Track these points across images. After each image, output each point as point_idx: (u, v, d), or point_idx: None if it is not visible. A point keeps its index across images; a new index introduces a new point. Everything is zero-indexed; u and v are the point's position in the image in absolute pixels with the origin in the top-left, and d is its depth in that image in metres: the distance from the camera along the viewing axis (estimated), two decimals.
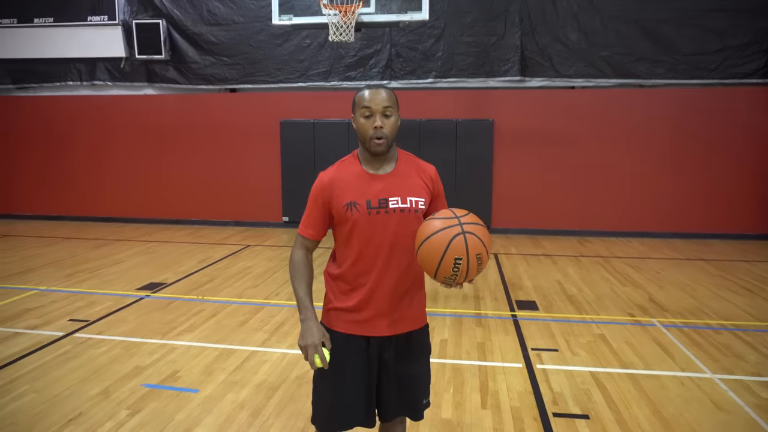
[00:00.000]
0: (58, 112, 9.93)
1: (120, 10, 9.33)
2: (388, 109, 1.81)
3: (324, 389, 1.94)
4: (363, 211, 1.83)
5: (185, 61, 9.37)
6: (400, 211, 1.85)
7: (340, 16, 5.64)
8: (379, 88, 1.83)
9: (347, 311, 1.91)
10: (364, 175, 1.88)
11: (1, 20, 9.76)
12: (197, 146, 9.55)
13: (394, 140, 1.89)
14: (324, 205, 1.89)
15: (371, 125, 1.80)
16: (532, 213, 8.67)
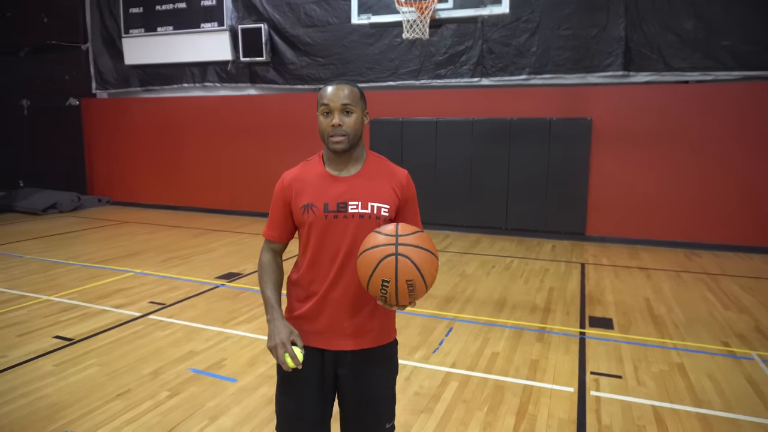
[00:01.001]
0: (174, 111, 10.90)
1: (228, 17, 9.99)
2: (348, 106, 1.69)
3: (284, 400, 1.83)
4: (319, 214, 1.73)
5: (284, 62, 9.80)
6: (360, 216, 1.72)
7: (417, 13, 5.52)
8: (343, 84, 1.71)
9: (301, 320, 1.80)
10: (326, 176, 1.78)
11: (131, 30, 10.92)
12: (293, 143, 9.96)
13: (358, 140, 1.76)
14: (284, 206, 1.81)
15: (329, 123, 1.70)
16: (632, 221, 7.89)
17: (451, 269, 6.35)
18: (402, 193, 1.81)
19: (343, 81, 1.74)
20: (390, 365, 1.87)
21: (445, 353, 3.90)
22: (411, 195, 1.84)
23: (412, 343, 4.09)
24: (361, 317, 1.77)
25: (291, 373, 1.76)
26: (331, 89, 1.71)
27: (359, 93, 1.74)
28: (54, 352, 3.88)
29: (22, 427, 2.90)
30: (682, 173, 7.58)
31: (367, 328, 1.78)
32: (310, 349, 1.77)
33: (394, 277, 1.50)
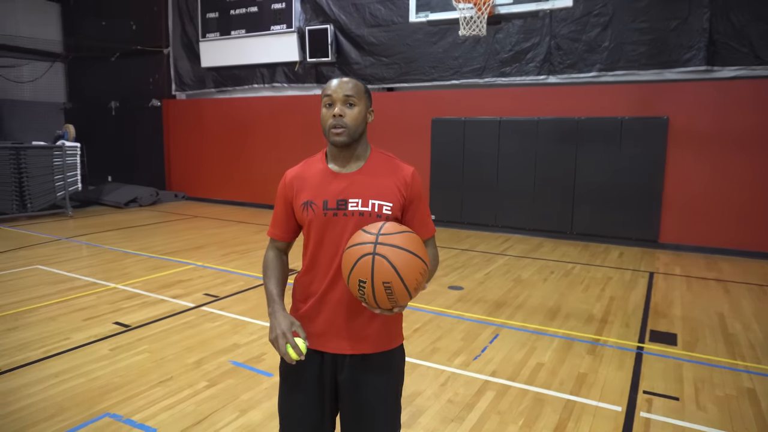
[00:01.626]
0: (244, 111, 11.32)
1: (296, 19, 10.24)
2: (351, 98, 1.65)
3: (285, 402, 1.79)
4: (318, 212, 1.67)
5: (348, 62, 9.90)
6: (359, 214, 1.64)
7: (475, 9, 5.36)
8: (344, 77, 1.68)
9: (302, 320, 1.74)
10: (327, 173, 1.72)
11: (208, 35, 11.47)
12: None
13: (360, 134, 1.69)
14: (287, 203, 1.77)
15: (330, 114, 1.65)
16: (713, 228, 7.25)
17: (505, 273, 6.12)
18: (407, 192, 1.70)
19: (348, 76, 1.70)
20: (392, 373, 1.76)
21: (487, 360, 3.74)
22: (417, 194, 1.73)
23: (454, 348, 3.96)
24: (360, 320, 1.69)
25: (291, 374, 1.73)
26: (335, 81, 1.67)
27: (364, 88, 1.69)
28: (111, 337, 4.11)
29: (72, 405, 3.09)
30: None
31: (366, 332, 1.70)
32: (310, 350, 1.71)
33: (370, 278, 1.43)
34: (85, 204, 11.04)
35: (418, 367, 3.63)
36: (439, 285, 5.62)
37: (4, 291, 5.28)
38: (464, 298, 5.18)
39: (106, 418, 2.95)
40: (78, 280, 5.66)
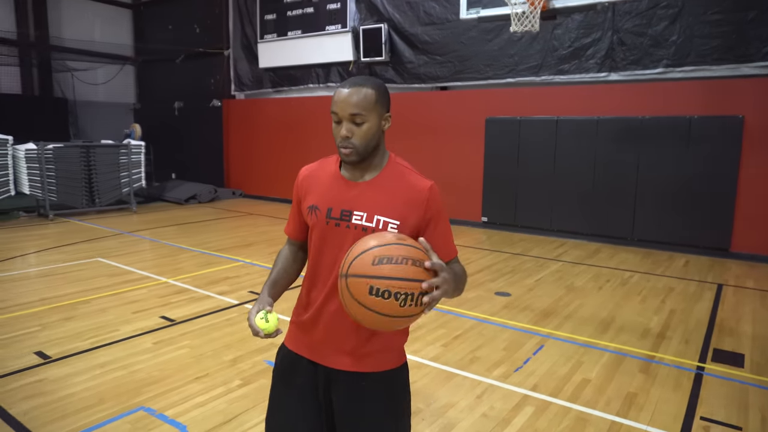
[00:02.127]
0: (300, 110, 11.48)
1: (351, 18, 10.26)
2: (358, 116, 1.50)
3: (272, 406, 1.71)
4: (321, 218, 1.59)
5: (402, 61, 9.82)
6: (362, 229, 1.53)
7: (527, 4, 5.13)
8: (356, 87, 1.50)
9: (299, 328, 1.68)
10: (338, 178, 1.62)
11: (266, 36, 11.71)
12: (408, 142, 9.93)
13: (372, 149, 1.55)
14: (298, 202, 1.71)
15: (338, 133, 1.53)
16: None
17: (557, 280, 5.84)
18: (422, 211, 1.55)
19: (360, 81, 1.51)
20: (391, 397, 1.62)
21: (528, 373, 3.55)
22: (435, 213, 1.56)
23: (495, 358, 3.79)
24: (360, 336, 1.57)
25: (282, 381, 1.68)
26: (340, 94, 1.52)
27: (375, 96, 1.51)
28: (156, 331, 4.23)
29: (111, 396, 3.17)
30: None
31: (365, 350, 1.58)
32: (304, 359, 1.64)
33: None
34: (148, 200, 11.56)
35: (455, 376, 3.49)
36: (486, 290, 5.43)
37: (65, 282, 5.57)
38: (511, 305, 4.97)
39: (140, 412, 3.01)
40: (133, 274, 5.89)
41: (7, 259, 6.52)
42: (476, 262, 6.64)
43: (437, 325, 4.44)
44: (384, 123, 1.57)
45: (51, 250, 7.02)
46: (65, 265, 6.23)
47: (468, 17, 5.82)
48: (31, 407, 3.04)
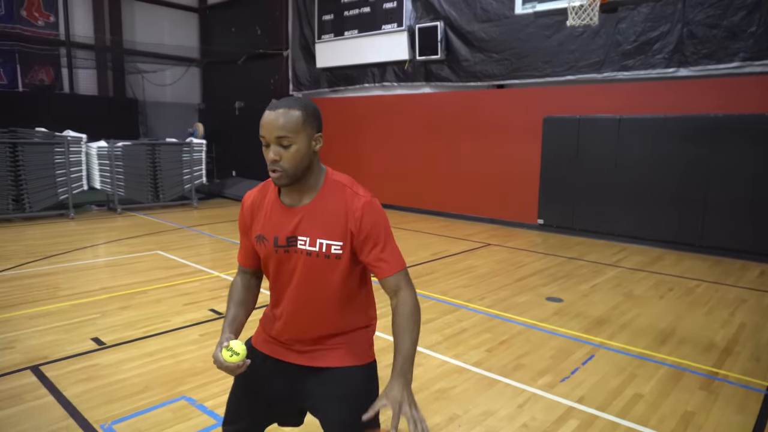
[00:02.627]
0: (355, 110, 11.56)
1: (407, 17, 10.21)
2: (284, 138, 1.49)
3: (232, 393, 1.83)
4: (269, 248, 1.63)
5: (458, 59, 9.66)
6: (307, 254, 1.58)
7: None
8: (282, 109, 1.49)
9: (265, 331, 1.78)
10: (278, 206, 1.63)
11: (323, 36, 11.87)
12: (464, 142, 9.78)
13: (303, 171, 1.55)
14: (245, 231, 1.74)
15: (267, 156, 1.52)
16: None
17: (615, 287, 5.54)
18: (356, 228, 1.56)
19: (287, 103, 1.51)
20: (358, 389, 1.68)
21: (576, 384, 3.36)
22: (369, 229, 1.56)
23: (540, 366, 3.63)
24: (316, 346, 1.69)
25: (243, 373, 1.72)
26: (266, 117, 1.51)
27: (302, 116, 1.50)
28: (204, 323, 4.35)
29: (157, 384, 3.28)
30: None
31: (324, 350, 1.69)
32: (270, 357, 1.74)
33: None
34: (209, 196, 12.00)
35: (496, 383, 3.37)
36: (537, 295, 5.23)
37: (126, 272, 5.85)
38: (562, 312, 4.76)
39: (182, 401, 3.09)
40: (188, 267, 6.11)
41: (78, 249, 6.93)
42: (529, 266, 6.42)
43: (482, 329, 4.31)
44: (315, 143, 1.56)
45: (116, 242, 7.41)
46: (128, 257, 6.55)
47: (524, 12, 5.63)
48: (83, 390, 3.19)
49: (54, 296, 4.96)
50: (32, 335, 4.02)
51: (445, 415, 2.98)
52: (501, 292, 5.32)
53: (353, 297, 1.67)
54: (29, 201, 8.64)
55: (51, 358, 3.63)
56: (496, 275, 5.99)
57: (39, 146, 8.68)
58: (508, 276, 5.94)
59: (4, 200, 8.42)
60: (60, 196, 8.96)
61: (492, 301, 5.05)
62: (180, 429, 2.80)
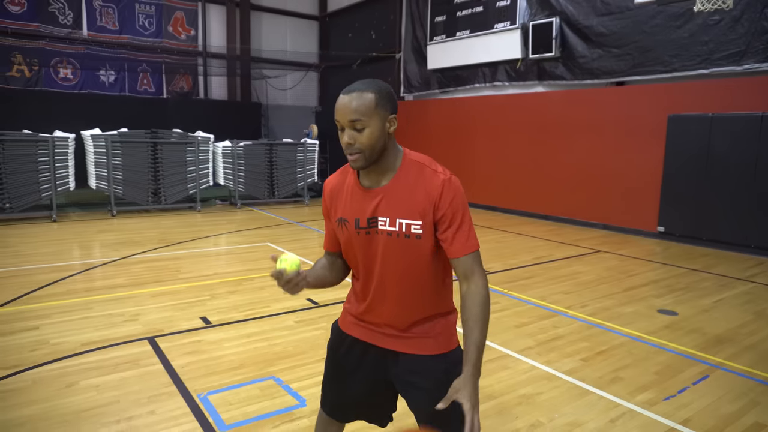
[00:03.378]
0: (465, 110, 11.44)
1: (520, 15, 9.89)
2: (358, 122, 1.48)
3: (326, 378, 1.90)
4: (351, 230, 1.63)
5: (573, 56, 9.18)
6: (387, 234, 1.57)
7: None
8: (353, 93, 1.49)
9: (350, 312, 1.79)
10: (357, 189, 1.63)
11: (435, 38, 11.90)
12: (577, 143, 9.26)
13: (379, 152, 1.54)
14: (327, 216, 1.75)
15: (342, 140, 1.52)
16: None
17: (743, 304, 4.90)
18: (435, 205, 1.53)
19: (360, 86, 1.50)
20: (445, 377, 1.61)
21: (681, 405, 3.02)
22: (448, 206, 1.53)
23: (641, 381, 3.31)
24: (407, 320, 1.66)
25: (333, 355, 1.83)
26: (340, 101, 1.51)
27: (375, 99, 1.49)
28: (300, 311, 4.55)
29: (250, 363, 3.50)
30: None
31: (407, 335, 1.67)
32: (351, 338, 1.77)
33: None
34: (320, 195, 12.54)
35: (589, 394, 3.13)
36: (647, 306, 4.79)
37: (237, 261, 6.31)
38: (674, 326, 4.31)
39: (270, 380, 3.26)
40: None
41: (201, 238, 7.61)
42: (641, 275, 5.90)
43: (580, 337, 4.04)
44: (389, 125, 1.54)
45: (234, 233, 8.02)
46: (241, 247, 7.07)
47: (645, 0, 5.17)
48: (187, 362, 3.49)
49: (175, 278, 5.49)
50: (153, 311, 4.48)
51: (527, 421, 2.83)
52: (606, 301, 4.94)
53: (435, 280, 1.64)
54: (165, 194, 9.65)
55: (165, 331, 4.02)
56: (602, 283, 5.58)
57: (174, 145, 9.67)
58: (616, 284, 5.51)
59: (145, 193, 9.50)
60: (190, 190, 9.91)
61: (594, 309, 4.71)
62: (265, 406, 2.96)
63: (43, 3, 12.36)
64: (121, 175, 9.16)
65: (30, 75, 12.47)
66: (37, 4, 12.30)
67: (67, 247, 6.85)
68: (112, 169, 9.03)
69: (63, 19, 12.67)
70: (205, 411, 2.88)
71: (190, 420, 2.79)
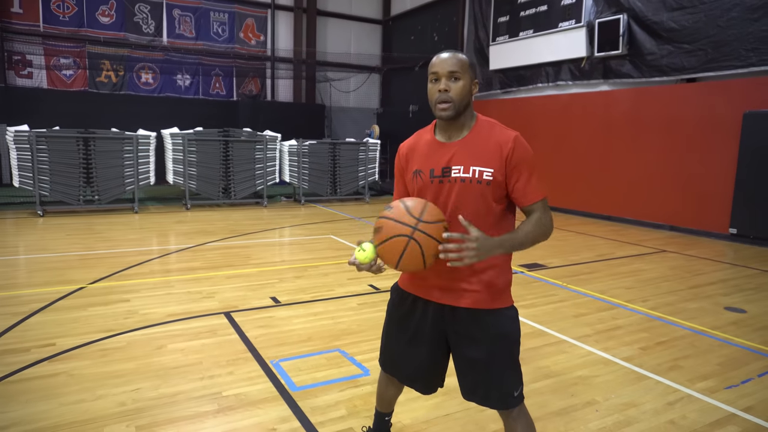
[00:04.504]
0: (526, 110, 11.38)
1: (586, 13, 9.77)
2: (456, 73, 1.71)
3: (385, 333, 2.04)
4: (426, 180, 1.79)
5: (641, 53, 8.97)
6: (461, 180, 1.73)
7: None
8: (453, 53, 1.73)
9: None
10: (434, 143, 1.81)
11: (498, 38, 11.91)
12: (643, 142, 9.04)
13: (465, 107, 1.75)
14: (401, 175, 1.92)
15: (436, 89, 1.72)
16: None
17: None
18: (508, 156, 1.71)
19: (455, 50, 1.74)
20: (498, 331, 1.78)
21: (744, 394, 2.99)
22: (519, 159, 1.71)
23: (703, 370, 3.29)
24: (463, 277, 1.77)
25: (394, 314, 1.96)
26: (440, 57, 1.74)
27: (468, 62, 1.73)
28: (362, 295, 4.78)
29: (318, 337, 3.74)
30: None
31: (468, 289, 1.78)
32: (414, 296, 1.90)
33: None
34: (380, 193, 12.83)
35: (646, 379, 3.16)
36: (713, 303, 4.68)
37: (303, 250, 6.64)
38: (742, 323, 4.20)
39: (336, 352, 3.50)
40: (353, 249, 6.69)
41: (268, 230, 8.03)
42: (708, 275, 5.73)
43: (639, 328, 4.03)
44: (474, 87, 1.76)
45: (298, 226, 8.40)
46: (306, 238, 7.41)
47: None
48: (260, 334, 3.78)
49: (246, 263, 5.87)
50: (227, 290, 4.84)
51: (583, 398, 2.91)
52: (669, 297, 4.87)
53: (499, 233, 1.72)
54: (234, 190, 10.21)
55: (239, 307, 4.35)
56: (666, 280, 5.47)
57: (244, 143, 10.22)
58: (680, 282, 5.39)
59: (216, 188, 10.09)
60: (257, 186, 10.43)
61: (656, 303, 4.66)
62: (331, 373, 3.19)
63: (129, 13, 13.38)
64: (195, 171, 9.78)
65: (116, 80, 13.52)
66: (124, 15, 13.33)
67: (148, 234, 7.43)
68: (188, 165, 9.67)
69: (146, 28, 13.65)
70: (278, 374, 3.14)
71: (265, 381, 3.05)
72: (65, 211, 8.98)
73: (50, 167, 8.53)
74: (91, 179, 8.89)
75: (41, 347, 3.45)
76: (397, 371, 2.02)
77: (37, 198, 8.54)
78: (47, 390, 2.87)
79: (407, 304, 1.92)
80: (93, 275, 5.18)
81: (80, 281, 4.96)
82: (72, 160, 8.68)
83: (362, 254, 1.74)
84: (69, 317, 4.02)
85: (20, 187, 8.50)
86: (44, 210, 8.71)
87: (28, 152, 8.33)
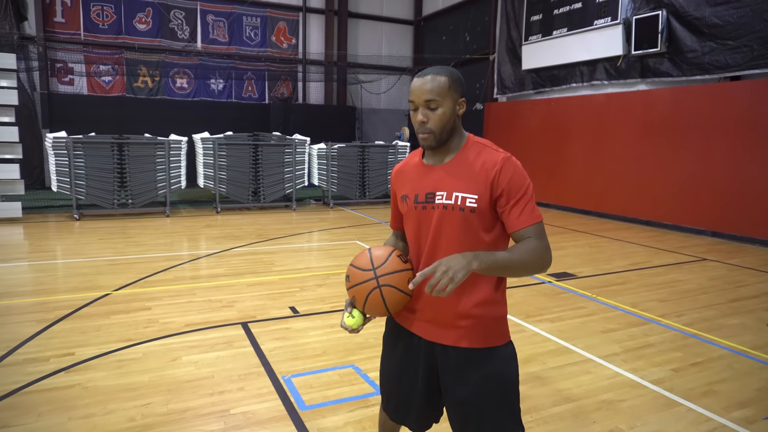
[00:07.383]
0: (560, 111, 11.05)
1: (623, 9, 9.40)
2: (432, 102, 1.58)
3: (382, 366, 1.93)
4: (410, 205, 1.71)
5: (681, 50, 8.56)
6: (443, 207, 1.62)
7: None
8: (429, 75, 1.59)
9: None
10: (421, 167, 1.73)
11: (531, 38, 11.62)
12: (682, 143, 8.63)
13: (448, 133, 1.63)
14: (395, 197, 1.85)
15: (415, 119, 1.62)
16: None
17: None
18: (494, 179, 1.56)
19: (434, 70, 1.60)
20: (493, 371, 1.64)
21: None
22: (506, 181, 1.55)
23: (741, 397, 3.06)
24: (454, 311, 1.64)
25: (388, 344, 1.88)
26: (415, 83, 1.61)
27: (448, 82, 1.58)
28: None
29: (333, 351, 3.68)
30: None
31: (458, 325, 1.64)
32: (405, 330, 1.79)
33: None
34: None
35: (677, 405, 2.96)
36: (755, 319, 4.39)
37: (327, 256, 6.60)
38: None
39: (350, 369, 3.42)
40: None
41: (296, 234, 8.04)
42: (751, 286, 5.39)
43: (673, 347, 3.80)
44: (459, 108, 1.62)
45: (325, 231, 8.38)
46: (331, 244, 7.38)
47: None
48: (275, 347, 3.74)
49: (269, 270, 5.87)
50: (248, 299, 4.84)
51: (606, 426, 2.74)
52: (706, 311, 4.59)
53: None
54: (263, 194, 10.29)
55: (257, 318, 4.33)
56: (704, 293, 5.18)
57: (273, 147, 10.28)
58: (720, 295, 5.09)
59: (246, 192, 10.19)
60: (286, 190, 10.48)
61: (692, 319, 4.40)
62: (343, 391, 3.11)
63: (165, 20, 13.68)
64: (225, 175, 9.90)
65: (153, 85, 13.85)
66: (160, 22, 13.63)
67: (177, 239, 7.54)
68: (218, 169, 9.79)
69: (181, 34, 13.93)
70: (288, 392, 3.08)
71: (274, 398, 3.00)
72: (100, 214, 9.23)
73: (86, 172, 8.78)
74: (125, 183, 9.11)
75: (61, 356, 3.50)
76: (392, 409, 1.89)
77: (74, 202, 8.80)
78: (60, 402, 2.89)
79: (402, 336, 1.80)
80: (119, 281, 5.27)
81: (107, 287, 5.05)
82: (107, 165, 8.91)
83: (351, 320, 1.74)
84: (92, 325, 4.08)
85: (58, 191, 8.78)
86: (81, 213, 8.97)
87: (66, 158, 8.59)
